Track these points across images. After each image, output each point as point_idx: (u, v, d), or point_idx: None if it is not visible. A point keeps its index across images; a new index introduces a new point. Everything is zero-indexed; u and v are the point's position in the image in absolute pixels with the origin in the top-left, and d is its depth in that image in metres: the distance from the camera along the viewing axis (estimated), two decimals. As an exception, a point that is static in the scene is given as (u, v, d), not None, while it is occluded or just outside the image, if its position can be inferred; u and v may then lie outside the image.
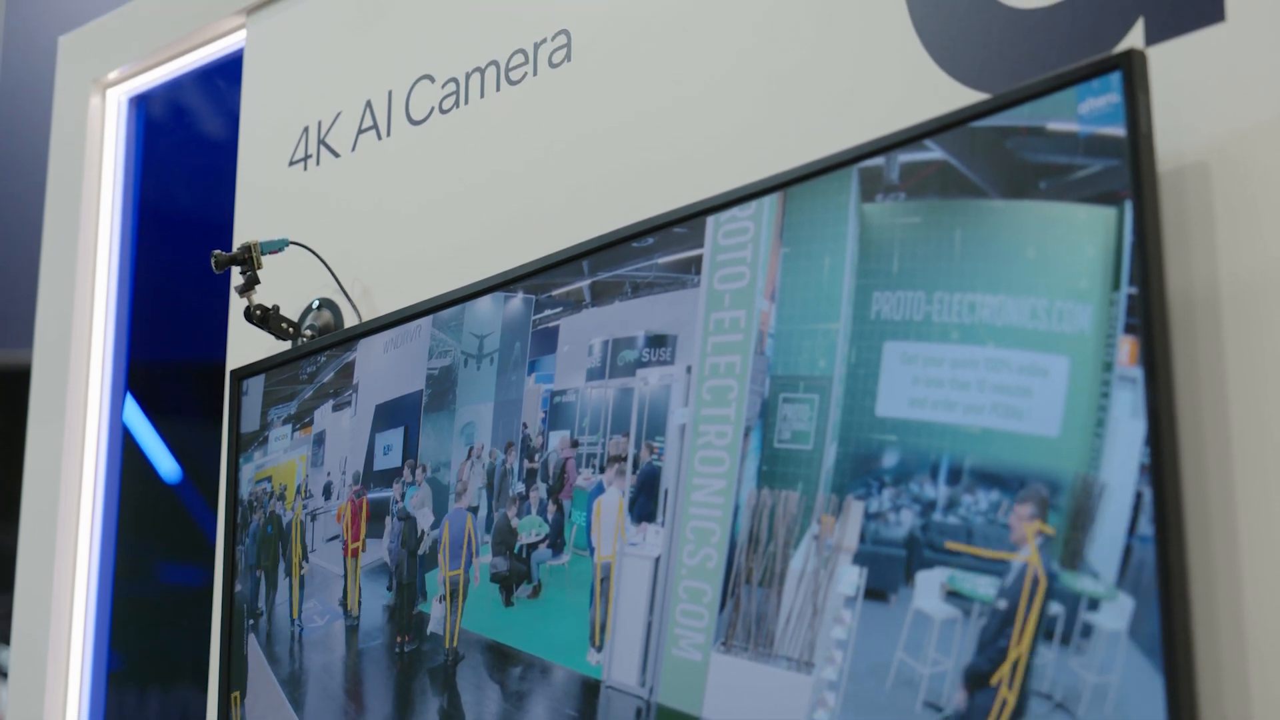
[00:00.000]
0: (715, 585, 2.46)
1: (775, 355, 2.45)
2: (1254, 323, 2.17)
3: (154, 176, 4.26)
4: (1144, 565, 2.05)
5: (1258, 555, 2.11)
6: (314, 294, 3.39)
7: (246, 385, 3.27)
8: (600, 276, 2.71)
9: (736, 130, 2.84)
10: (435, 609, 2.83)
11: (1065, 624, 2.11)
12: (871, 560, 2.30)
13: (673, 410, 2.56)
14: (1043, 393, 2.18)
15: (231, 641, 3.15)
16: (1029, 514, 2.15)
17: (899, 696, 2.23)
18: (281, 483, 3.16)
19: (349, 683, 2.94)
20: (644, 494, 2.57)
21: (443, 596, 2.82)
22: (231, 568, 3.18)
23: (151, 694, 4.44)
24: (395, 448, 2.97)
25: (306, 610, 3.06)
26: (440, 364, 2.92)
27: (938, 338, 2.28)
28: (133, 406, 4.22)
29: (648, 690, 2.51)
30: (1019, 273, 2.22)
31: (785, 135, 2.76)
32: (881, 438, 2.32)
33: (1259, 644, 2.08)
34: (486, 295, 2.86)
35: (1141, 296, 2.10)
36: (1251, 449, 2.14)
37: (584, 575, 2.63)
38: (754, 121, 2.81)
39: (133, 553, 4.18)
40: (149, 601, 4.47)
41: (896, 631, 2.25)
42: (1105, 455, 2.11)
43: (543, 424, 2.73)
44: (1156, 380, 2.09)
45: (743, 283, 2.51)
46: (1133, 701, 2.03)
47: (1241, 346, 2.17)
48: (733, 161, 2.78)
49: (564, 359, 2.73)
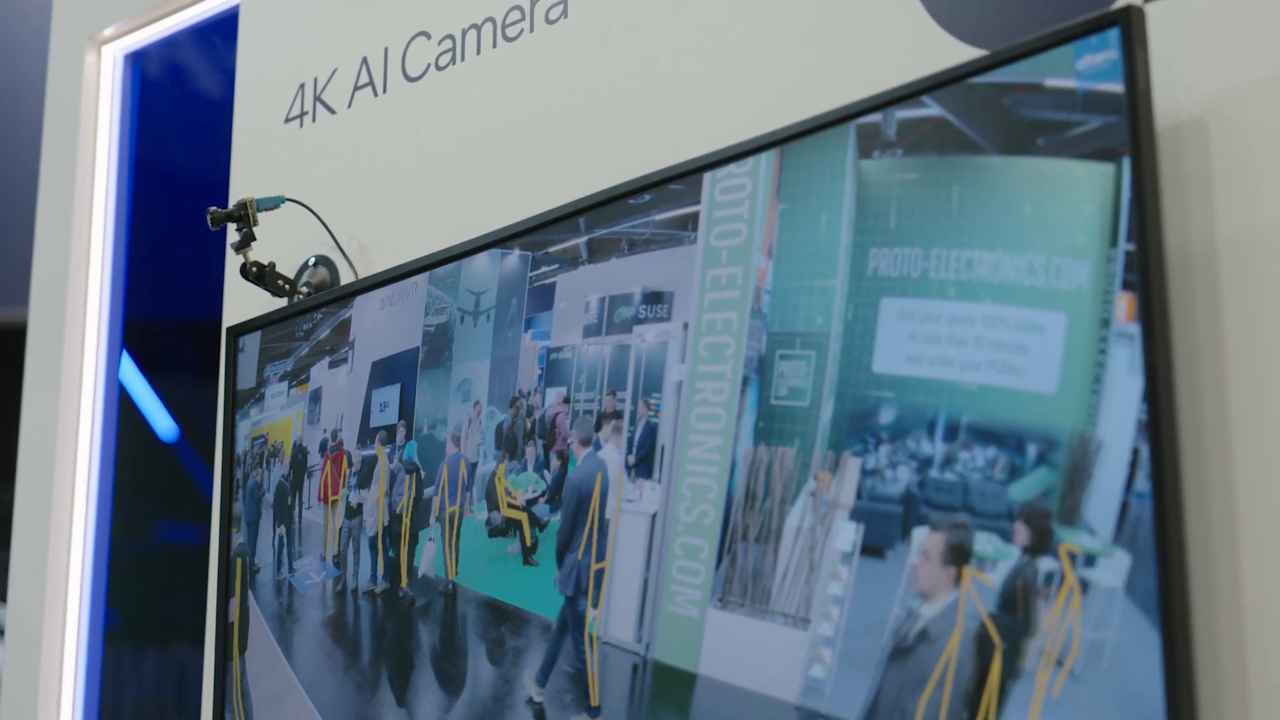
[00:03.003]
0: (712, 542, 2.46)
1: (772, 312, 2.45)
2: (1251, 279, 2.16)
3: (150, 134, 4.25)
4: (1141, 522, 2.05)
5: (1254, 512, 2.11)
6: (310, 251, 3.38)
7: (243, 342, 3.26)
8: (597, 233, 2.70)
9: (734, 87, 2.83)
10: (430, 558, 2.83)
11: (1062, 580, 2.11)
12: (868, 516, 2.30)
13: (669, 367, 2.56)
14: (1040, 349, 2.17)
15: (228, 599, 3.15)
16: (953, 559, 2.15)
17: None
18: (278, 439, 3.16)
19: (344, 637, 2.95)
20: (641, 451, 2.57)
21: (439, 544, 2.82)
22: (228, 524, 3.18)
23: (149, 652, 4.44)
24: (392, 404, 2.96)
25: (301, 565, 3.06)
26: (437, 321, 2.92)
27: (935, 294, 2.28)
28: (129, 365, 4.22)
29: (644, 646, 2.51)
30: (1016, 229, 2.22)
31: (782, 91, 2.75)
32: (878, 394, 2.32)
33: (1255, 600, 2.08)
34: (483, 252, 2.86)
35: (1139, 253, 2.10)
36: (1248, 405, 2.13)
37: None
38: (751, 78, 2.81)
39: (129, 511, 4.18)
40: (146, 560, 4.47)
41: (893, 588, 2.25)
42: (1102, 412, 2.11)
43: (539, 381, 2.73)
44: (1154, 337, 2.08)
45: (740, 239, 2.51)
46: (1129, 657, 2.03)
47: (1239, 303, 2.17)
48: (730, 118, 2.77)
49: (560, 316, 2.73)
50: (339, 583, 3.00)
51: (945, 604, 2.18)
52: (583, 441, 2.67)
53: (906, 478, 2.27)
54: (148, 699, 4.49)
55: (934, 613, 2.19)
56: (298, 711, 2.97)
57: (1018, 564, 2.14)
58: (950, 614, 2.17)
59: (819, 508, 2.35)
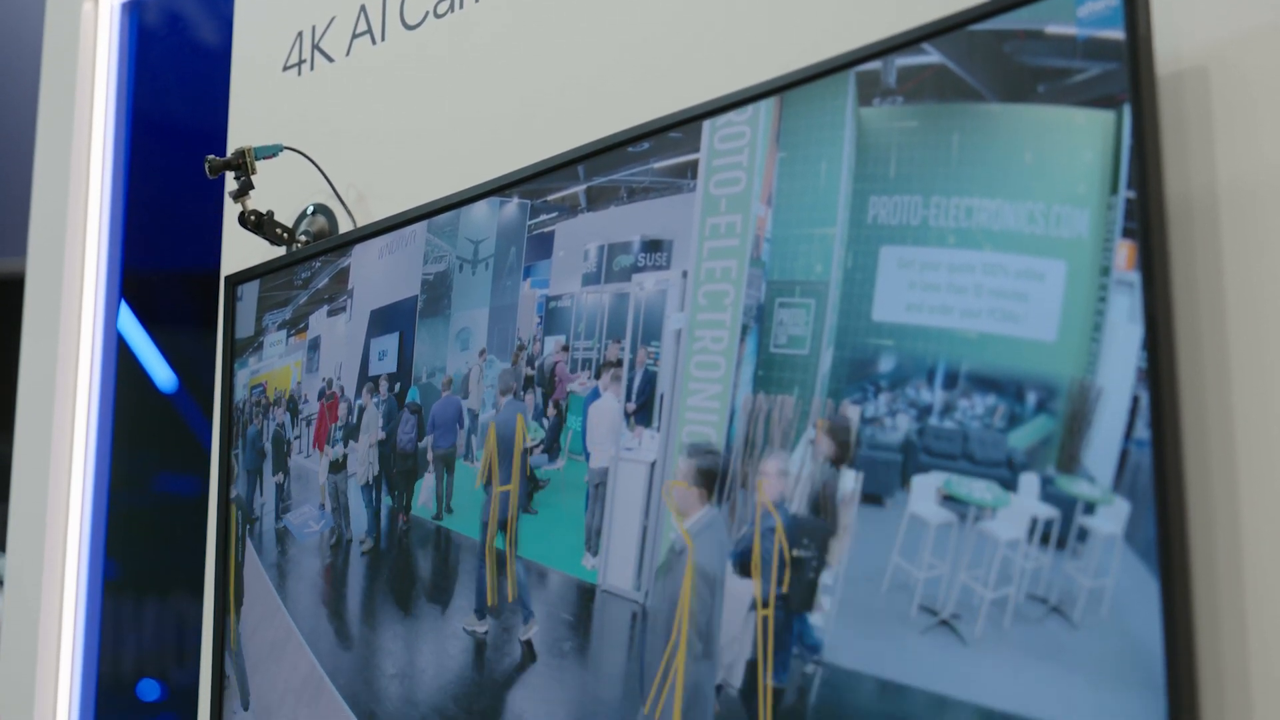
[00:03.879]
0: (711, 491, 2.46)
1: (771, 260, 2.44)
2: (1252, 227, 2.16)
3: (147, 83, 4.24)
4: (1140, 469, 2.05)
5: (1254, 457, 2.11)
6: (308, 200, 3.37)
7: (241, 291, 3.26)
8: (596, 181, 2.69)
9: (733, 34, 2.82)
10: (425, 503, 2.84)
11: (1061, 528, 2.11)
12: (867, 465, 2.29)
13: (668, 315, 2.55)
14: (1039, 297, 2.17)
15: (227, 548, 3.15)
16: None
17: (894, 600, 2.23)
18: (276, 388, 3.16)
19: (341, 586, 2.95)
20: (639, 399, 2.57)
21: (432, 490, 2.82)
22: (227, 473, 3.18)
23: (148, 602, 4.45)
24: (390, 353, 2.96)
25: (300, 514, 3.06)
26: (435, 269, 2.91)
27: (934, 242, 2.27)
28: (128, 315, 4.21)
29: (643, 595, 2.51)
30: (1016, 177, 2.21)
31: (782, 39, 2.74)
32: (878, 342, 2.31)
33: (1255, 547, 2.08)
34: (482, 200, 2.85)
35: (1139, 201, 2.09)
36: (1249, 353, 2.13)
37: (579, 480, 2.63)
38: (751, 25, 2.80)
39: (128, 462, 4.18)
40: (145, 510, 4.48)
41: (892, 536, 2.25)
42: (1102, 360, 2.11)
43: (538, 329, 2.73)
44: (1154, 285, 2.08)
45: (739, 187, 2.50)
46: (1128, 605, 2.03)
47: (1239, 251, 2.16)
48: (729, 66, 2.77)
49: (559, 264, 2.73)
50: (334, 533, 3.00)
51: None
52: (503, 391, 2.73)
53: (905, 426, 2.27)
54: (147, 649, 4.50)
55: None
56: (296, 660, 2.98)
57: (1016, 511, 2.14)
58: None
59: (818, 456, 2.35)
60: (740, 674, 2.38)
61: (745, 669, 2.37)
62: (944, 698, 2.16)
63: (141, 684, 4.52)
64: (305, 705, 2.94)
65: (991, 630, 2.13)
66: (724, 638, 2.38)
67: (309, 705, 2.94)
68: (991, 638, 2.13)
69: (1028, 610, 2.11)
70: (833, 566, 2.28)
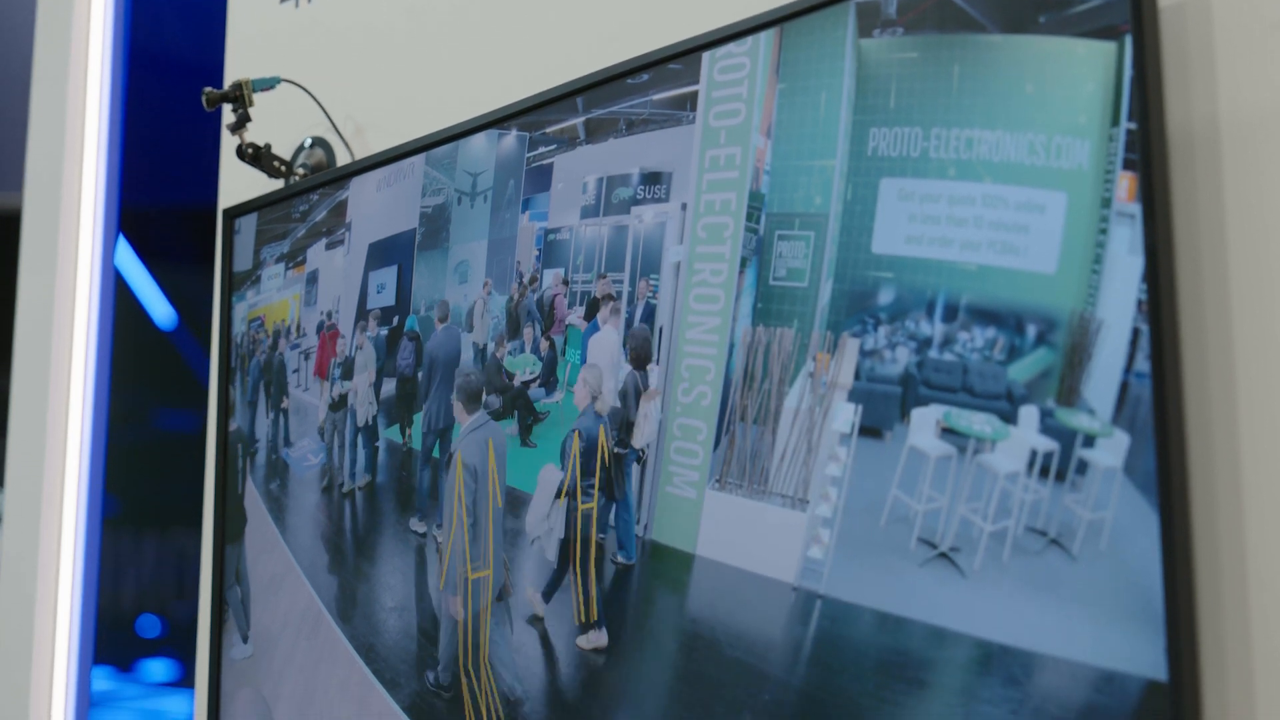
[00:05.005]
0: (710, 423, 2.46)
1: (771, 192, 2.44)
2: (1253, 158, 2.15)
3: (145, 16, 4.22)
4: (1140, 402, 2.05)
5: (1255, 389, 2.10)
6: (306, 132, 3.36)
7: (239, 224, 3.25)
8: (595, 113, 2.69)
9: (733, -34, 2.81)
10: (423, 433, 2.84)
11: (1060, 461, 2.11)
12: (867, 397, 2.29)
13: (668, 248, 2.55)
14: (1040, 229, 2.16)
15: (226, 481, 3.15)
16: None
17: (893, 533, 2.23)
18: (275, 321, 3.15)
19: (339, 520, 2.95)
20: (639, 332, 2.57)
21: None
22: (225, 405, 3.18)
23: (147, 538, 4.46)
24: (389, 286, 2.96)
25: (299, 448, 3.06)
26: (434, 202, 2.91)
27: (935, 174, 2.27)
28: (125, 250, 4.21)
29: (642, 528, 2.51)
30: (1017, 108, 2.20)
31: (782, -29, 2.73)
32: (877, 275, 2.31)
33: (1254, 478, 2.08)
34: (480, 132, 2.84)
35: (1140, 132, 2.09)
36: (1249, 284, 2.12)
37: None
38: (750, -43, 2.78)
39: (127, 398, 4.18)
40: (143, 447, 4.48)
41: (891, 468, 2.25)
42: (1102, 292, 2.10)
43: (537, 262, 2.72)
44: (1155, 216, 2.07)
45: (738, 119, 2.49)
46: (1127, 538, 2.03)
47: (1240, 182, 2.15)
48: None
49: (558, 196, 2.72)
50: (326, 473, 3.00)
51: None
52: (440, 319, 2.83)
53: (905, 358, 2.27)
54: (147, 584, 4.51)
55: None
56: (295, 593, 2.98)
57: (1016, 444, 2.14)
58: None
59: (818, 389, 2.34)
60: (554, 550, 2.61)
61: (558, 546, 2.60)
62: (942, 630, 2.16)
63: (141, 619, 4.54)
64: (305, 638, 2.95)
65: (990, 563, 2.14)
66: (534, 518, 2.63)
67: (308, 638, 2.94)
68: (990, 570, 2.13)
69: (1027, 543, 2.11)
70: (642, 460, 2.47)
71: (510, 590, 2.68)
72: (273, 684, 2.97)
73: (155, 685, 4.55)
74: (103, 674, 4.32)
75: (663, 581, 2.48)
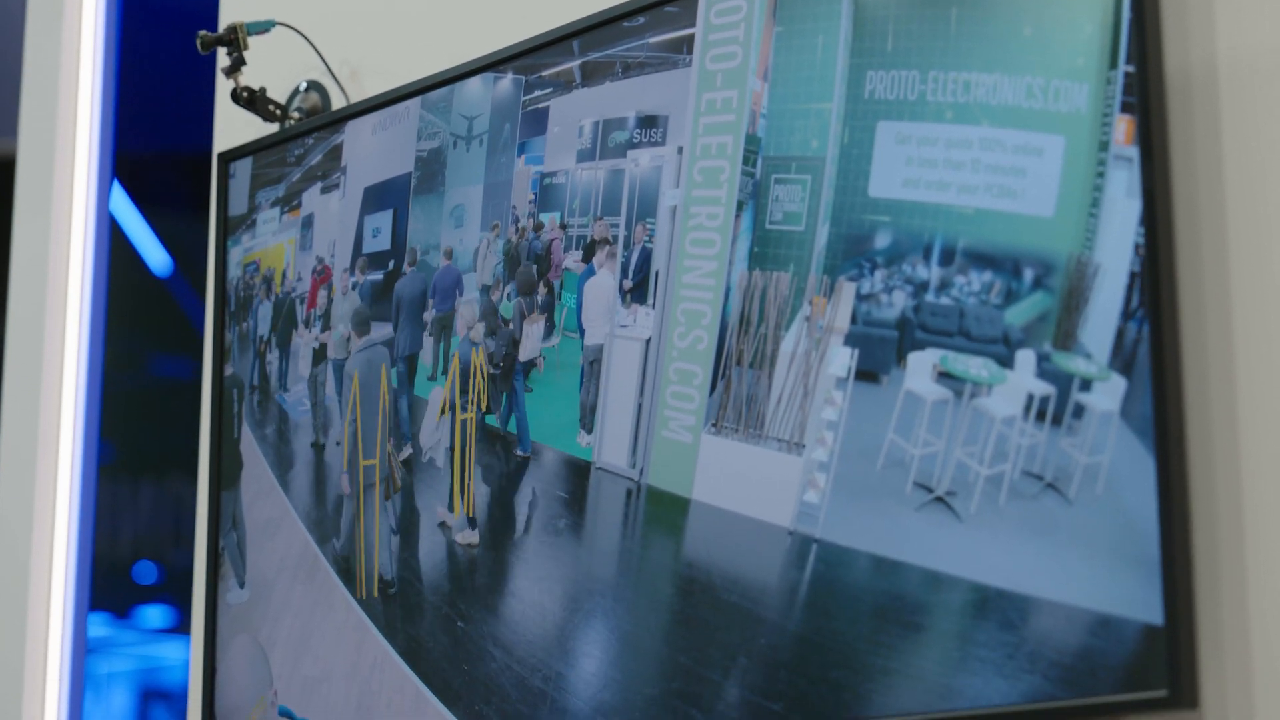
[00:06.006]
0: (706, 367, 2.45)
1: (767, 135, 2.43)
2: (1252, 101, 2.14)
3: (138, -41, 4.21)
4: (1137, 346, 2.05)
5: (1252, 331, 2.10)
6: (301, 76, 3.35)
7: (234, 168, 3.24)
8: (591, 57, 2.68)
9: (730, -91, 2.79)
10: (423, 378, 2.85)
11: (1057, 405, 2.11)
12: (863, 341, 2.29)
13: (664, 192, 2.54)
14: (1037, 173, 2.16)
15: (222, 427, 3.15)
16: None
17: (889, 477, 2.23)
18: (270, 265, 3.15)
19: (332, 466, 2.95)
20: (635, 276, 2.56)
21: (433, 355, 2.83)
22: (221, 351, 3.18)
23: (144, 484, 4.46)
24: (384, 230, 2.95)
25: (295, 391, 3.06)
26: (429, 146, 2.90)
27: (932, 117, 2.26)
28: (120, 196, 4.20)
29: (638, 472, 2.51)
30: (1015, 51, 2.19)
31: (779, -86, 2.71)
32: (874, 218, 2.30)
33: (1250, 421, 2.07)
34: (476, 76, 2.83)
35: (1139, 75, 2.08)
36: (1247, 226, 2.12)
37: (574, 358, 2.63)
38: (747, -100, 2.77)
39: (122, 345, 4.18)
40: (139, 394, 4.48)
41: (888, 413, 2.25)
42: (1100, 235, 2.10)
43: (532, 206, 2.72)
44: (1152, 160, 2.07)
45: (735, 62, 2.48)
46: (1124, 481, 2.03)
47: (1239, 125, 2.14)
48: (726, -60, 2.74)
49: (554, 140, 2.71)
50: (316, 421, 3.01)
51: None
52: (362, 269, 2.95)
53: (902, 302, 2.26)
54: (143, 531, 4.51)
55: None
56: (291, 537, 2.98)
57: (1012, 388, 2.14)
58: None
59: (814, 333, 2.34)
60: (443, 458, 2.78)
61: (445, 454, 2.77)
62: (938, 574, 2.17)
63: (138, 565, 4.54)
64: (300, 582, 2.95)
65: (986, 507, 2.14)
66: (425, 433, 2.82)
67: (304, 582, 2.94)
68: (986, 514, 2.14)
69: (1023, 487, 2.11)
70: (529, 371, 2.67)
71: (398, 485, 2.83)
72: (269, 628, 2.97)
73: (152, 631, 4.56)
74: (99, 620, 4.33)
75: (658, 526, 2.49)
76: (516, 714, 2.56)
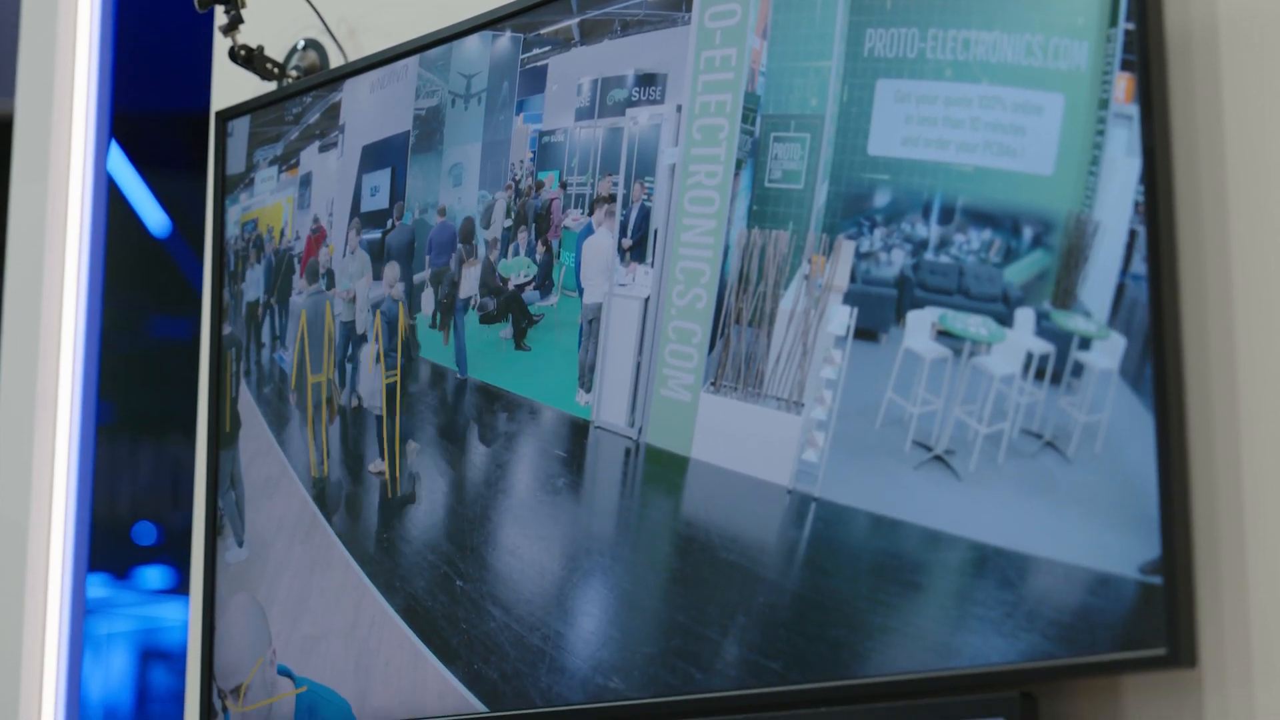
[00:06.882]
0: (705, 326, 2.45)
1: (766, 94, 2.42)
2: (1252, 59, 2.14)
3: (135, -82, 4.19)
4: (1136, 304, 2.05)
5: (1251, 289, 2.09)
6: (299, 34, 3.34)
7: (231, 127, 3.23)
8: (589, 14, 2.67)
9: None
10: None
11: (1056, 363, 2.10)
12: (862, 300, 2.29)
13: (663, 150, 2.54)
14: (1037, 131, 2.16)
15: (220, 386, 3.15)
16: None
17: (888, 436, 2.23)
18: (268, 224, 3.14)
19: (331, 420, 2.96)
20: (634, 234, 2.56)
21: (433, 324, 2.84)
22: (219, 311, 3.17)
23: (143, 445, 4.46)
24: (383, 188, 2.95)
25: (291, 351, 3.06)
26: (427, 104, 2.89)
27: (931, 75, 2.25)
28: (118, 156, 4.19)
29: (636, 430, 2.51)
30: (1014, 8, 2.19)
31: None
32: (873, 177, 2.30)
33: (1249, 381, 2.07)
34: (474, 34, 2.83)
35: (1139, 32, 2.08)
36: (1247, 184, 2.11)
37: (573, 316, 2.63)
38: None
39: (121, 306, 4.17)
40: (138, 355, 4.48)
41: (886, 371, 2.25)
42: (1099, 193, 2.10)
43: (531, 164, 2.71)
44: (1152, 118, 2.07)
45: (734, 20, 2.47)
46: (1122, 440, 2.03)
47: (1239, 83, 2.14)
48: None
49: (552, 98, 2.71)
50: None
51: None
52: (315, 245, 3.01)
53: (901, 261, 2.26)
54: (142, 492, 4.52)
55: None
56: (290, 496, 2.98)
57: (1011, 346, 2.14)
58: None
59: (813, 291, 2.34)
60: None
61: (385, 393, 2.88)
62: (937, 533, 2.17)
63: (137, 526, 4.55)
64: (299, 542, 2.95)
65: (985, 465, 2.14)
66: (366, 390, 2.92)
67: (303, 542, 2.94)
68: (985, 473, 2.14)
69: (1022, 445, 2.11)
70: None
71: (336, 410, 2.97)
72: (267, 587, 2.97)
73: (151, 592, 4.57)
74: (98, 581, 4.34)
75: (657, 484, 2.49)
76: (515, 672, 2.56)
